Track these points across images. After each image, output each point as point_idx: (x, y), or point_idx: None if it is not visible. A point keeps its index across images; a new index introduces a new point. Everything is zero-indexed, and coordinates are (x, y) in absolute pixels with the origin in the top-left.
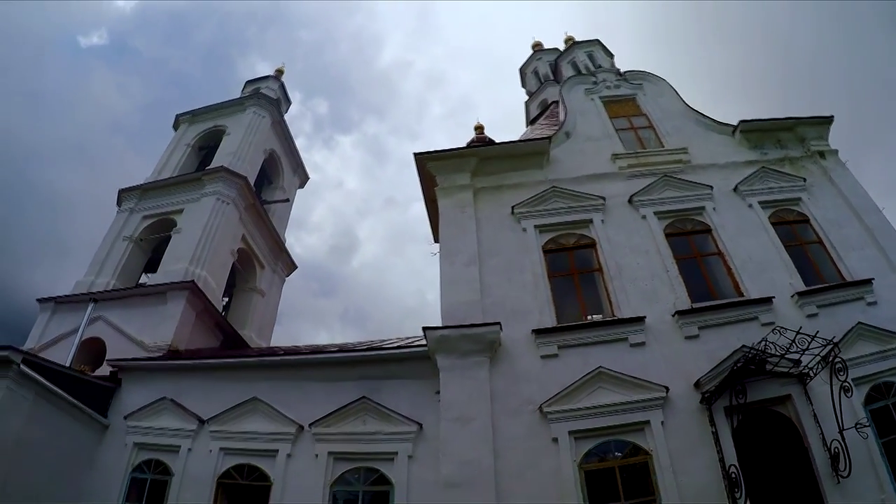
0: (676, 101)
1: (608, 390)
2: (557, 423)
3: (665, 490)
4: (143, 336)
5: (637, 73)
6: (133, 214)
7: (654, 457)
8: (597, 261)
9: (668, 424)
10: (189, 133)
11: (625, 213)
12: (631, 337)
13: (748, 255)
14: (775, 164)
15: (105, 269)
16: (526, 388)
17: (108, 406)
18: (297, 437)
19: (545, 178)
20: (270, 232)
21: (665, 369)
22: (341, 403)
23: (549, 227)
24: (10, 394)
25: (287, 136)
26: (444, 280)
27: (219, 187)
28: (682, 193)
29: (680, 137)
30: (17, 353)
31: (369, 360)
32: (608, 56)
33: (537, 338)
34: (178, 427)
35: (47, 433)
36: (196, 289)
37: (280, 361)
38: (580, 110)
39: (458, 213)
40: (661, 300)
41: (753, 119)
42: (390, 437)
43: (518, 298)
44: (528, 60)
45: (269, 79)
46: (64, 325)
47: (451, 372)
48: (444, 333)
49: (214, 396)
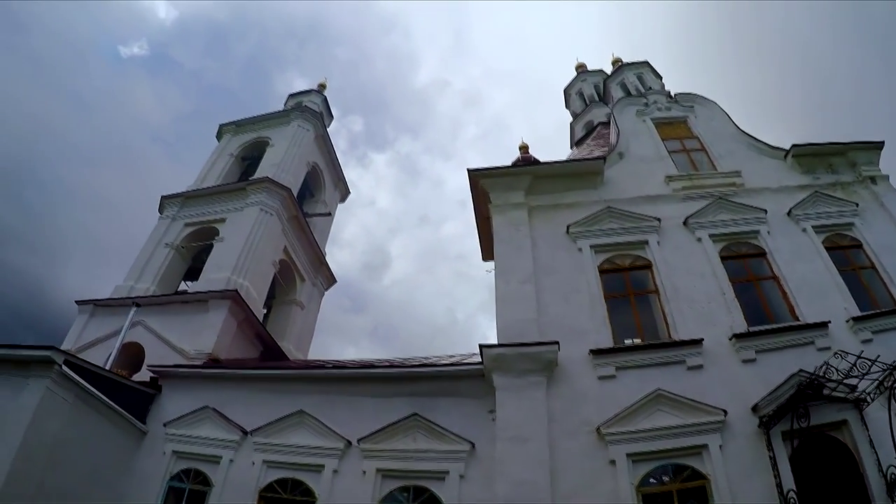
0: (728, 124)
1: (666, 413)
2: (615, 444)
3: None
4: (183, 343)
5: (687, 95)
6: (175, 221)
7: (712, 481)
8: (653, 282)
9: (725, 448)
10: (233, 143)
11: (680, 235)
12: (688, 359)
13: (803, 280)
14: (827, 188)
15: (145, 274)
16: (583, 408)
17: (146, 412)
18: (345, 452)
19: (600, 199)
20: (312, 245)
21: (722, 393)
22: (391, 420)
23: (604, 247)
24: (49, 395)
25: (330, 150)
26: (499, 298)
27: (262, 198)
28: (737, 216)
29: (732, 160)
30: (60, 354)
31: (421, 376)
32: (657, 78)
33: (594, 358)
34: (220, 437)
35: (85, 436)
36: (238, 298)
37: (329, 375)
38: (632, 131)
39: (512, 231)
40: (718, 323)
41: (805, 143)
42: (442, 455)
43: (574, 318)
44: (572, 82)
45: (312, 93)
46: (103, 328)
47: (507, 391)
48: (501, 352)
49: (258, 408)
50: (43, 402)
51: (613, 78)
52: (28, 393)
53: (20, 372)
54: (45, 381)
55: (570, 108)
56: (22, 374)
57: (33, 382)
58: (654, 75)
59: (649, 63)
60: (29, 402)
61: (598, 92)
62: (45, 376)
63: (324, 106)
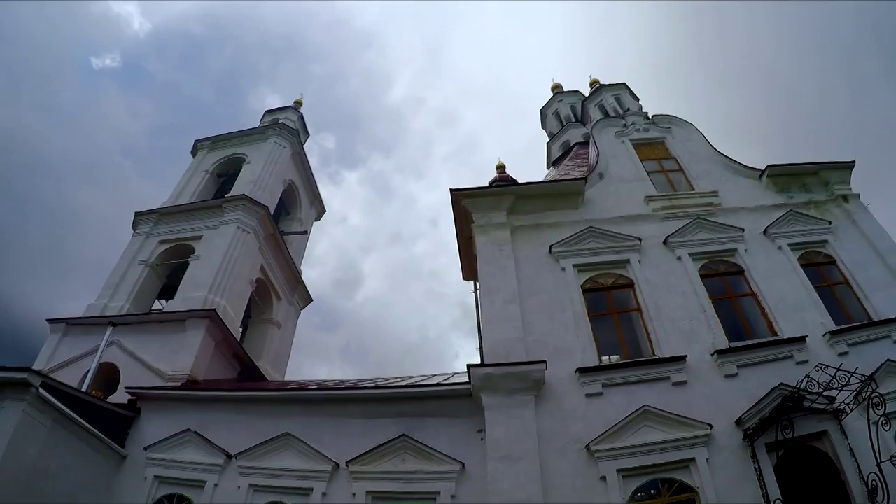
0: (704, 145)
1: (653, 428)
2: (605, 461)
3: None
4: (160, 364)
5: (665, 116)
6: (149, 238)
7: (701, 493)
8: (635, 301)
9: (712, 461)
10: (208, 159)
11: (660, 253)
12: (673, 376)
13: (780, 296)
14: (802, 207)
15: (119, 292)
16: (572, 426)
17: (125, 436)
18: (333, 475)
19: (581, 219)
20: (288, 263)
21: (707, 407)
22: (378, 441)
23: (587, 266)
24: (26, 419)
25: (306, 168)
26: (485, 318)
27: (239, 215)
28: (715, 235)
29: (709, 181)
30: (36, 376)
31: (409, 397)
32: (634, 99)
33: (581, 376)
34: (204, 461)
35: (63, 462)
36: (216, 318)
37: (315, 396)
38: (612, 152)
39: (496, 250)
40: (700, 340)
41: (780, 164)
42: (432, 476)
43: (560, 337)
44: (548, 102)
45: (289, 109)
46: (76, 348)
47: (496, 410)
48: (488, 371)
49: (241, 430)
50: (20, 426)
51: (592, 99)
52: (3, 417)
53: None
54: (20, 404)
55: (547, 129)
56: None
57: (8, 406)
58: (632, 97)
59: (627, 85)
60: (4, 426)
61: (574, 112)
62: (20, 399)
63: (300, 123)
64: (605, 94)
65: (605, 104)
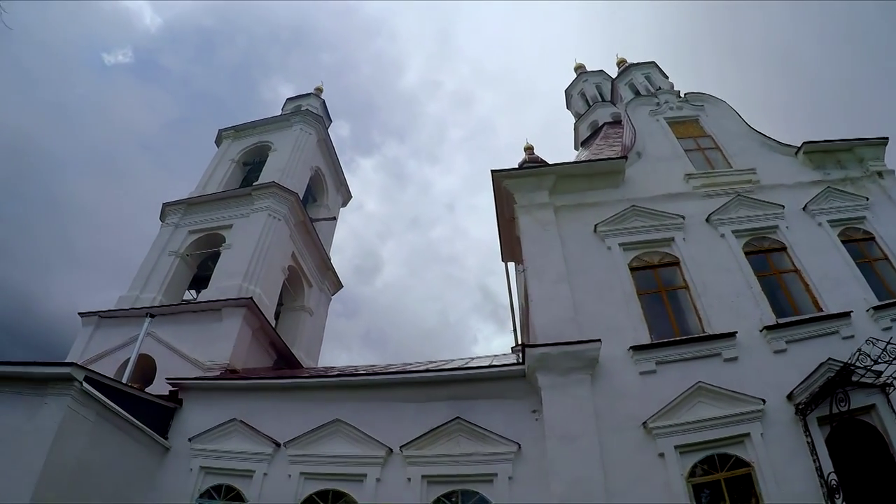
0: (739, 123)
1: (707, 404)
2: (663, 438)
3: (769, 500)
4: (197, 354)
5: (697, 94)
6: (178, 229)
7: (757, 468)
8: (682, 278)
9: (766, 436)
10: (233, 148)
11: (704, 231)
12: (724, 352)
13: (823, 272)
14: (838, 184)
15: (150, 283)
16: (628, 404)
17: (167, 427)
18: (387, 460)
19: (623, 198)
20: (318, 250)
21: (758, 383)
22: (431, 424)
23: (632, 245)
24: (71, 414)
25: (332, 154)
26: (535, 298)
27: (269, 203)
28: (756, 213)
29: (746, 158)
30: (80, 370)
31: (461, 379)
32: (664, 77)
33: (635, 354)
34: (252, 450)
35: (108, 456)
36: (253, 306)
37: (365, 381)
38: (647, 131)
39: (540, 231)
40: (748, 316)
41: (815, 140)
42: (488, 458)
43: (611, 316)
44: (573, 83)
45: (311, 96)
46: (109, 340)
47: (553, 390)
48: (545, 351)
49: (288, 418)
50: (64, 421)
51: (622, 78)
52: (47, 413)
53: (35, 390)
54: (65, 399)
55: (573, 109)
56: (37, 393)
57: (51, 401)
58: (662, 75)
59: (656, 63)
60: (48, 422)
61: (600, 92)
62: (64, 394)
63: (322, 110)
64: (636, 73)
65: (635, 83)
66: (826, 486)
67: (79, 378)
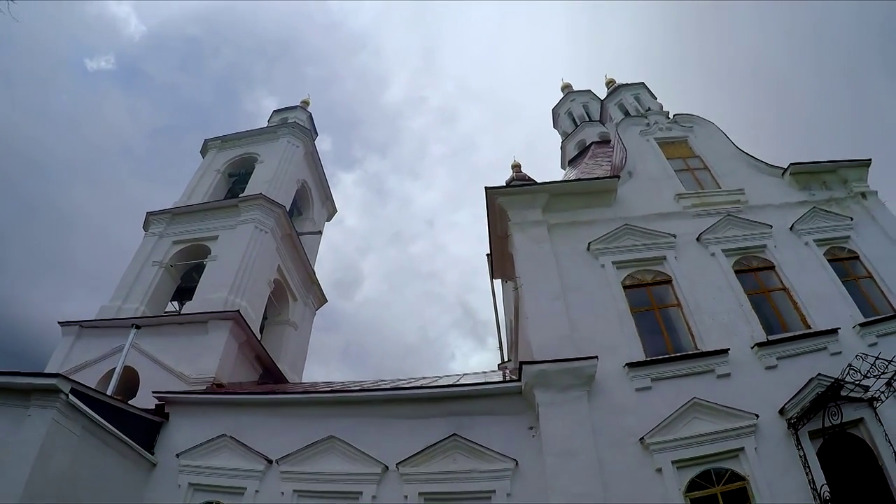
0: (726, 144)
1: (702, 420)
2: (660, 453)
3: None
4: (182, 367)
5: (686, 115)
6: (162, 239)
7: (752, 481)
8: (674, 296)
9: (760, 450)
10: (218, 159)
11: (695, 250)
12: (717, 368)
13: (811, 290)
14: (823, 204)
15: (133, 294)
16: (624, 420)
17: (154, 442)
18: (383, 477)
19: (615, 216)
20: (304, 263)
21: (751, 398)
22: (427, 441)
23: (625, 263)
24: (56, 427)
25: (318, 167)
26: (531, 315)
27: (256, 215)
28: (745, 232)
29: (735, 179)
30: (66, 382)
31: (457, 395)
32: (653, 98)
33: (630, 371)
34: (242, 467)
35: (93, 471)
36: (240, 319)
37: (360, 398)
38: (638, 151)
39: (535, 248)
40: (739, 333)
41: (801, 162)
42: (486, 475)
43: (605, 333)
44: (560, 102)
45: (297, 109)
46: (90, 351)
47: (550, 406)
48: (542, 368)
49: (281, 434)
50: (49, 435)
51: (611, 98)
52: (30, 426)
53: (18, 402)
54: (49, 412)
55: (560, 128)
56: (21, 405)
57: (36, 413)
58: (651, 96)
59: (645, 84)
60: (33, 435)
61: (587, 112)
62: (49, 406)
63: (309, 122)
64: (625, 94)
65: (625, 103)
66: (819, 499)
67: (65, 390)
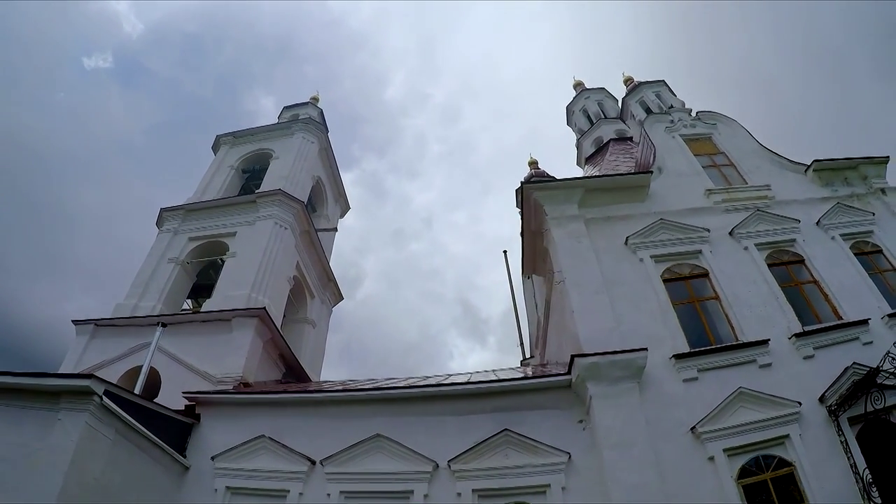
0: (750, 141)
1: (748, 409)
2: (711, 442)
3: (813, 497)
4: (206, 366)
5: (709, 113)
6: (177, 235)
7: (798, 467)
8: (712, 289)
9: (804, 437)
10: (231, 155)
11: (728, 244)
12: (759, 359)
13: (840, 283)
14: (846, 200)
15: (149, 291)
16: (675, 411)
17: (185, 445)
18: (433, 475)
19: (649, 211)
20: (321, 260)
21: (792, 387)
22: (476, 438)
23: (663, 257)
24: (89, 432)
25: (332, 164)
26: (577, 309)
27: (276, 211)
28: (775, 227)
29: (760, 175)
30: (100, 383)
31: (506, 390)
32: (673, 95)
33: (677, 362)
34: (284, 469)
35: (127, 478)
36: (266, 316)
37: (406, 395)
38: (665, 147)
39: (574, 243)
40: (776, 324)
41: (824, 159)
42: (539, 469)
43: (648, 325)
44: (574, 99)
45: (308, 105)
46: (107, 350)
47: (603, 399)
48: (594, 360)
49: (322, 434)
50: (82, 440)
51: (632, 95)
52: (61, 430)
53: (47, 405)
54: (82, 415)
55: (576, 126)
56: (49, 408)
57: (67, 417)
58: (671, 93)
59: (665, 82)
60: (64, 441)
61: (602, 109)
62: (82, 410)
63: (320, 119)
64: (646, 91)
65: (646, 100)
66: (862, 482)
67: (98, 392)
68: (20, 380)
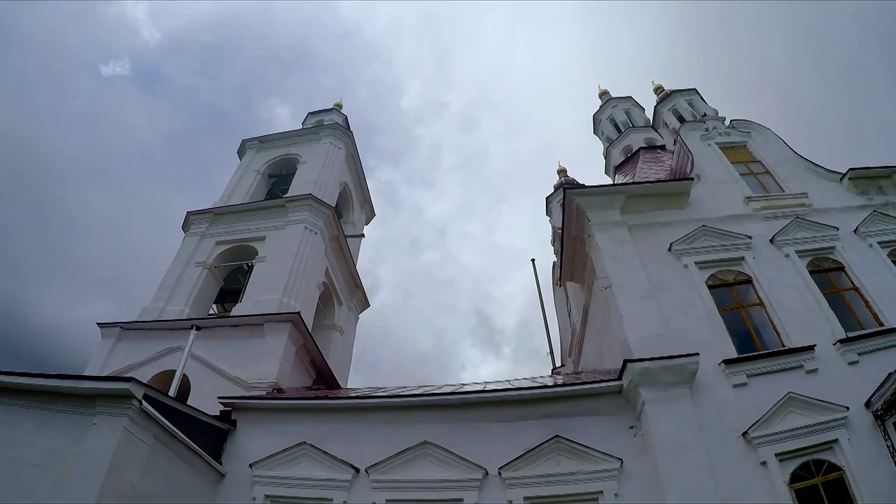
0: (785, 149)
1: (798, 414)
2: (763, 446)
3: (862, 501)
4: (238, 371)
5: (743, 121)
6: (204, 239)
7: (847, 471)
8: (756, 295)
9: (852, 441)
10: (257, 160)
11: (770, 251)
12: (806, 364)
13: (879, 290)
14: (882, 208)
15: (176, 295)
16: (727, 416)
17: (220, 451)
18: (483, 482)
19: (691, 218)
20: (349, 266)
21: (838, 392)
22: (526, 445)
23: (707, 263)
24: (128, 437)
25: (358, 170)
26: (626, 314)
27: (306, 215)
28: (814, 234)
29: (797, 183)
30: (139, 387)
31: (556, 397)
32: (704, 103)
33: (726, 368)
34: (327, 476)
35: (164, 486)
36: (300, 321)
37: (454, 401)
38: (702, 155)
39: (619, 249)
40: (821, 331)
41: (860, 167)
42: (591, 475)
43: (696, 331)
44: (602, 108)
45: (332, 111)
46: (133, 354)
47: (656, 404)
48: (647, 366)
49: (366, 441)
50: (120, 446)
51: (664, 104)
52: (98, 435)
53: (81, 408)
54: (120, 420)
55: (605, 134)
56: (84, 412)
57: (103, 422)
58: (703, 101)
59: (697, 90)
60: (100, 446)
61: (630, 118)
62: (120, 414)
63: (345, 124)
64: (678, 99)
65: (679, 109)
66: None
67: (138, 395)
68: (54, 382)
